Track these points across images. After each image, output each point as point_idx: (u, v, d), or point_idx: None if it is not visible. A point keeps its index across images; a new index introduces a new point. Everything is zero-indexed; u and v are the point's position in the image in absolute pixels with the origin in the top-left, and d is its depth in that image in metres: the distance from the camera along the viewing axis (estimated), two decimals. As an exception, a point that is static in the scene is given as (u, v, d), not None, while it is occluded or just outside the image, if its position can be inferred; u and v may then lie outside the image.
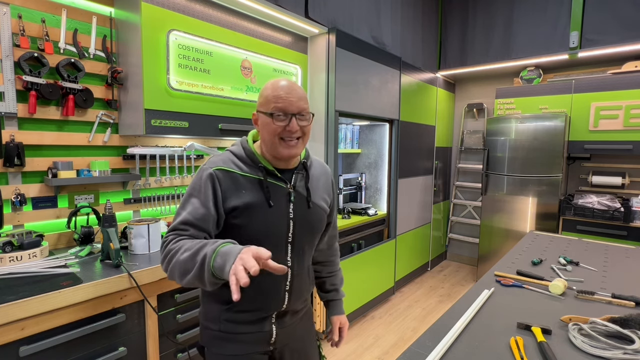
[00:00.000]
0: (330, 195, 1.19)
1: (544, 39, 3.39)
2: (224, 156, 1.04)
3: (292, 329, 1.13)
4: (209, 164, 1.01)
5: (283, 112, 0.96)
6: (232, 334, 1.04)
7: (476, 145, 4.43)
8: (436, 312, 3.22)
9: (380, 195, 3.47)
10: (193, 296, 1.63)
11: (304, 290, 1.13)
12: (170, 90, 1.78)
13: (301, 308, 1.16)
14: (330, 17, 2.61)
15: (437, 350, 0.94)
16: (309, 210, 1.08)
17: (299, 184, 1.07)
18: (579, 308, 1.23)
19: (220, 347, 1.05)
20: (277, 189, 1.03)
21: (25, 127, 1.63)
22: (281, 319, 1.09)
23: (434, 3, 3.99)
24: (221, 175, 0.99)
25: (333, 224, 1.28)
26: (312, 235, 1.11)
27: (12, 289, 1.21)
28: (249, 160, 1.03)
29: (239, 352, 1.04)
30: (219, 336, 1.05)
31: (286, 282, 1.05)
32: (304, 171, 1.09)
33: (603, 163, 3.52)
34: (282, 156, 1.00)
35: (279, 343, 1.10)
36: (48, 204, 1.72)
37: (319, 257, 1.30)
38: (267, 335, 1.07)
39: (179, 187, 2.20)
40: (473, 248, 4.47)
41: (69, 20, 1.72)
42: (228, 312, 1.04)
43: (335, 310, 1.32)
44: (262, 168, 1.02)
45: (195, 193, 0.98)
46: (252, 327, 1.05)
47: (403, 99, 3.44)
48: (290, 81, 1.00)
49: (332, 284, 1.33)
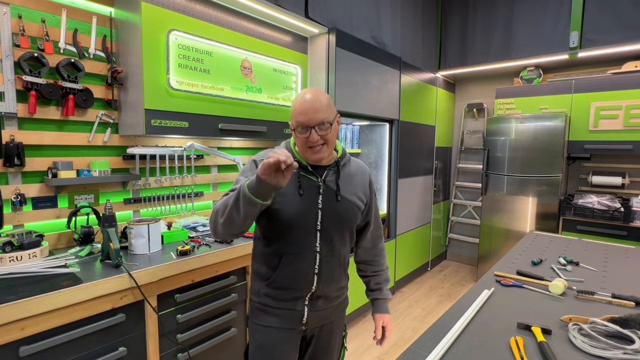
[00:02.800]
0: (367, 194, 1.27)
1: (544, 39, 3.39)
2: (267, 152, 1.18)
3: (325, 315, 1.24)
4: (259, 155, 1.19)
5: (302, 125, 1.08)
6: (269, 307, 1.19)
7: (476, 145, 4.43)
8: (436, 312, 3.22)
9: (380, 195, 3.47)
10: (193, 296, 1.64)
11: (335, 276, 1.22)
12: (170, 90, 1.78)
13: (335, 296, 1.25)
14: (330, 17, 2.61)
15: (437, 350, 0.94)
16: (337, 203, 1.17)
17: (329, 179, 1.18)
18: (579, 308, 1.23)
19: (258, 318, 1.21)
20: (309, 181, 1.15)
21: (25, 127, 1.63)
22: (314, 302, 1.20)
23: (434, 3, 3.99)
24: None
25: (375, 224, 1.35)
26: (341, 226, 1.19)
27: (12, 289, 1.21)
28: None
29: (274, 324, 1.19)
30: (259, 307, 1.21)
31: (315, 266, 1.16)
32: (335, 168, 1.20)
33: (603, 163, 3.51)
34: (312, 161, 1.15)
35: (310, 324, 1.21)
36: (48, 204, 1.72)
37: (363, 255, 1.39)
38: (299, 315, 1.19)
39: (179, 187, 2.20)
40: (473, 248, 4.47)
41: (69, 20, 1.72)
42: (267, 287, 1.18)
43: (379, 309, 1.38)
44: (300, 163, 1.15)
45: (244, 173, 1.15)
46: (287, 304, 1.18)
47: (403, 99, 3.44)
48: (314, 93, 1.11)
49: (377, 282, 1.40)
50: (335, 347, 1.32)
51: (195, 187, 2.29)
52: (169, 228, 2.01)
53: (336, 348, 1.33)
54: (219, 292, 1.76)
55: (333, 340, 1.31)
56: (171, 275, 1.55)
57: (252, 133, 2.20)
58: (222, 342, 1.78)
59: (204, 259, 1.66)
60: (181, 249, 1.64)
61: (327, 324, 1.27)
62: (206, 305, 1.69)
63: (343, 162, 1.23)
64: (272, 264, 1.17)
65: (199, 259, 1.64)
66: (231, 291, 1.82)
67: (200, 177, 2.31)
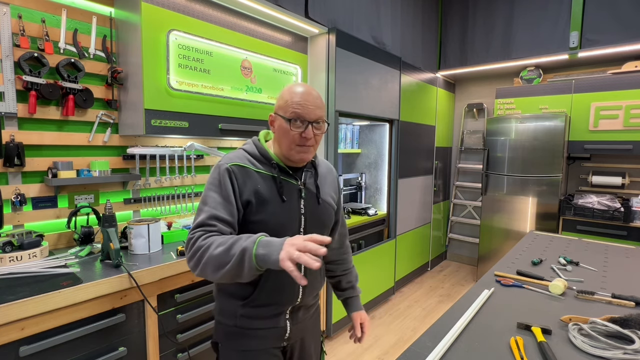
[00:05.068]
0: (337, 193, 1.23)
1: (544, 39, 3.39)
2: (238, 153, 1.07)
3: (304, 325, 1.16)
4: (225, 159, 1.04)
5: (301, 118, 0.99)
6: (248, 330, 1.06)
7: (476, 145, 4.43)
8: (436, 312, 3.22)
9: (380, 195, 3.47)
10: (193, 296, 1.64)
11: (317, 285, 1.16)
12: (170, 90, 1.78)
13: (312, 304, 1.19)
14: (330, 17, 2.61)
15: (437, 350, 0.94)
16: (318, 206, 1.12)
17: (308, 181, 1.11)
18: (579, 308, 1.23)
19: (235, 343, 1.07)
20: (289, 185, 1.07)
21: (25, 127, 1.63)
22: (295, 315, 1.12)
23: (434, 3, 3.99)
24: (237, 170, 1.02)
25: (342, 222, 1.31)
26: (322, 231, 1.13)
27: (12, 289, 1.21)
28: (262, 158, 1.07)
29: (254, 347, 1.06)
30: (235, 331, 1.07)
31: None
32: (312, 169, 1.14)
33: (603, 163, 3.51)
34: (295, 160, 1.06)
35: (292, 339, 1.13)
36: (48, 204, 1.72)
37: (331, 256, 1.32)
38: (281, 331, 1.09)
39: (179, 187, 2.20)
40: (473, 248, 4.47)
41: (69, 20, 1.72)
42: (245, 307, 1.05)
43: (354, 307, 1.33)
44: (276, 165, 1.06)
45: (215, 188, 1.00)
46: (268, 323, 1.07)
47: (403, 99, 3.44)
48: (310, 87, 1.04)
49: (348, 281, 1.35)
50: (314, 355, 1.25)
51: (195, 187, 2.29)
52: (169, 228, 2.01)
53: (316, 354, 1.26)
54: (219, 292, 1.76)
55: (313, 349, 1.24)
56: (171, 275, 1.55)
57: (252, 133, 2.20)
58: (222, 342, 1.78)
59: (204, 259, 1.66)
60: (181, 249, 1.64)
61: (306, 335, 1.19)
62: (206, 305, 1.69)
63: (317, 162, 1.16)
64: (252, 281, 1.00)
65: (199, 259, 1.64)
66: (231, 291, 1.82)
67: (200, 177, 2.31)
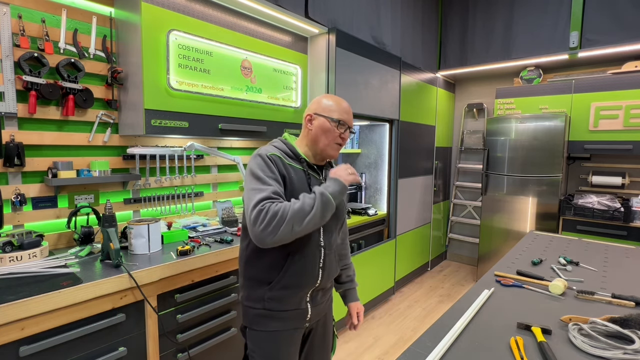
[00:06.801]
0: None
1: (544, 39, 3.39)
2: (269, 148, 1.20)
3: (322, 307, 1.29)
4: (263, 150, 1.16)
5: (345, 123, 1.24)
6: (274, 312, 1.17)
7: (476, 145, 4.43)
8: (436, 312, 3.22)
9: (380, 195, 3.47)
10: (193, 296, 1.64)
11: (333, 269, 1.28)
12: (170, 90, 1.78)
13: (329, 287, 1.32)
14: (330, 17, 2.61)
15: (437, 350, 0.94)
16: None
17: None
18: (579, 308, 1.23)
19: (263, 325, 1.18)
20: (314, 179, 1.23)
21: (25, 127, 1.63)
22: (314, 297, 1.24)
23: (434, 3, 3.99)
24: (275, 159, 1.15)
25: (345, 220, 1.43)
26: (338, 222, 1.28)
27: (12, 289, 1.21)
28: (291, 153, 1.22)
29: (280, 328, 1.18)
30: (263, 314, 1.18)
31: (320, 260, 1.21)
32: (330, 167, 1.32)
33: (603, 163, 3.51)
34: (330, 156, 1.24)
35: (312, 320, 1.25)
36: (48, 204, 1.72)
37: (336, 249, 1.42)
38: (304, 312, 1.21)
39: (179, 187, 2.20)
40: (473, 248, 4.47)
41: (69, 20, 1.72)
42: (271, 291, 1.16)
43: (352, 298, 1.47)
44: (304, 161, 1.22)
45: (266, 170, 1.11)
46: (292, 304, 1.19)
47: (403, 99, 3.43)
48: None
49: (348, 275, 1.49)
50: (330, 337, 1.39)
51: (195, 187, 2.29)
52: (169, 228, 2.01)
53: (330, 337, 1.40)
54: (219, 292, 1.76)
55: (328, 331, 1.37)
56: (171, 275, 1.55)
57: (252, 133, 2.20)
58: (222, 342, 1.78)
59: (204, 259, 1.66)
60: (181, 249, 1.64)
61: (322, 316, 1.32)
62: (206, 305, 1.69)
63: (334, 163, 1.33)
64: (277, 266, 1.16)
65: (199, 259, 1.64)
66: (231, 291, 1.82)
67: (200, 177, 2.31)
